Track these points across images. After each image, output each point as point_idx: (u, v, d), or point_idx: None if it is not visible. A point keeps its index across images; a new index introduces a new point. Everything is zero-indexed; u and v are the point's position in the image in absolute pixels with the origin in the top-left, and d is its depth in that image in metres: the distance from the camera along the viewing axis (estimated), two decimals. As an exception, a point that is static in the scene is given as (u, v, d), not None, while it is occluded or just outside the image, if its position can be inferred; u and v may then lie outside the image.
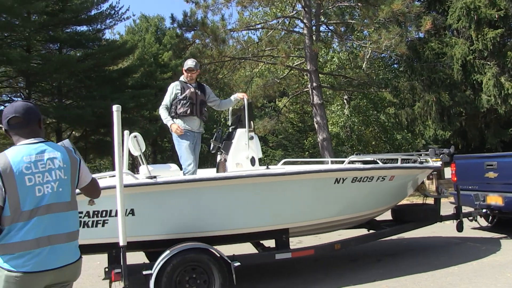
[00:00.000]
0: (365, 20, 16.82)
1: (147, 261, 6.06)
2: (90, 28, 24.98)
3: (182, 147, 5.92)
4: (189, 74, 6.12)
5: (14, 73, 22.35)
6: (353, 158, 6.44)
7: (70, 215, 2.67)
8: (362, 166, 5.99)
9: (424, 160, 7.06)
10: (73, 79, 23.29)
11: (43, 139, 2.76)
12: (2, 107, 23.94)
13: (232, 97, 6.52)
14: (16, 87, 25.31)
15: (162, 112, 6.06)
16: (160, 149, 32.59)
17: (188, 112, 5.96)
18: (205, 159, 33.03)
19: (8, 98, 26.07)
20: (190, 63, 6.15)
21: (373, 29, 16.98)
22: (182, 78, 6.28)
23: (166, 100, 6.08)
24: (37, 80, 22.91)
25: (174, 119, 6.01)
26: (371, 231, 6.97)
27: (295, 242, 6.66)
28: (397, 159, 6.47)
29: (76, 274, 2.75)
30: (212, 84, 19.22)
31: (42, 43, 23.60)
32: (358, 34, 20.80)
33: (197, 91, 6.12)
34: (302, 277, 6.13)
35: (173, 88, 6.08)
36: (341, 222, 6.20)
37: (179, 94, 6.01)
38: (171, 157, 33.44)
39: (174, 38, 29.28)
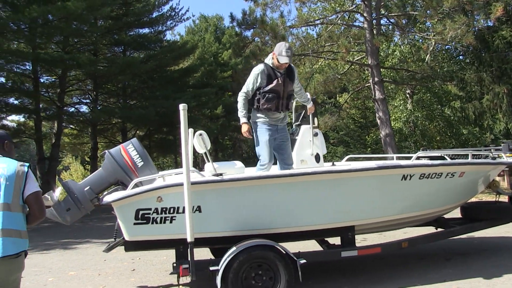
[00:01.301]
0: (428, 11, 16.27)
1: (211, 257, 6.21)
2: (152, 30, 25.84)
3: (261, 143, 5.48)
4: (281, 65, 5.39)
5: (83, 76, 23.46)
6: (420, 154, 6.24)
7: (5, 214, 3.03)
8: (430, 162, 5.79)
9: (496, 156, 6.71)
10: (136, 80, 24.17)
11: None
12: (72, 109, 25.25)
13: (308, 96, 5.96)
14: (85, 89, 26.58)
15: (240, 101, 5.46)
16: (221, 147, 33.10)
17: (273, 109, 5.42)
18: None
19: (78, 100, 27.45)
20: (285, 54, 5.28)
21: (436, 19, 16.36)
22: (269, 60, 5.51)
23: (248, 86, 5.44)
24: (103, 82, 23.97)
25: (255, 112, 5.51)
26: (439, 229, 6.74)
27: (359, 240, 6.54)
28: (467, 155, 6.20)
29: (9, 271, 3.06)
30: (272, 81, 19.29)
31: (108, 47, 24.66)
32: (420, 26, 20.10)
33: (285, 82, 5.42)
34: (368, 275, 6.02)
35: (258, 76, 5.39)
36: (408, 220, 6.04)
37: (264, 84, 5.36)
38: (232, 155, 33.91)
39: (233, 37, 29.70)
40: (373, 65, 16.72)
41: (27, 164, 3.26)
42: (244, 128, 5.40)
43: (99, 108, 24.21)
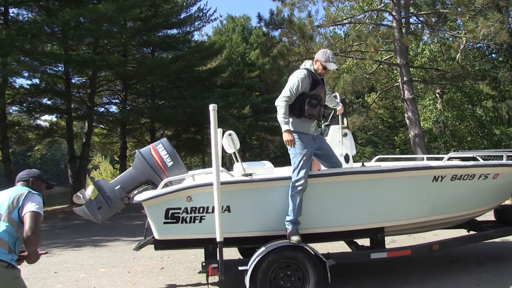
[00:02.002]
0: (459, 9, 15.95)
1: (239, 256, 6.22)
2: (180, 31, 26.12)
3: (301, 156, 4.87)
4: (325, 72, 5.14)
5: (113, 76, 23.88)
6: (452, 154, 6.11)
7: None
8: (462, 163, 5.67)
9: (533, 157, 6.51)
10: (165, 80, 24.47)
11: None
12: (102, 109, 25.71)
13: (337, 100, 5.73)
14: (114, 90, 27.05)
15: (282, 106, 4.85)
16: (248, 147, 33.20)
17: (316, 115, 5.07)
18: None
19: (108, 100, 27.96)
20: (332, 61, 5.06)
21: (468, 17, 16.03)
22: (310, 66, 5.17)
23: (292, 91, 4.91)
24: (132, 83, 24.35)
25: (295, 119, 5.00)
26: (471, 232, 6.57)
27: (388, 242, 6.45)
28: (502, 156, 6.05)
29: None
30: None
31: (137, 48, 25.03)
32: (451, 24, 19.73)
33: (325, 88, 5.21)
34: (398, 278, 5.93)
35: (304, 81, 4.95)
36: (439, 222, 5.91)
37: (308, 89, 4.97)
38: (259, 155, 33.97)
39: (260, 37, 29.75)
40: (402, 64, 16.49)
41: (36, 192, 3.58)
42: (288, 137, 4.79)
43: (128, 108, 24.58)
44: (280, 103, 4.87)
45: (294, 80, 4.96)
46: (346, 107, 5.98)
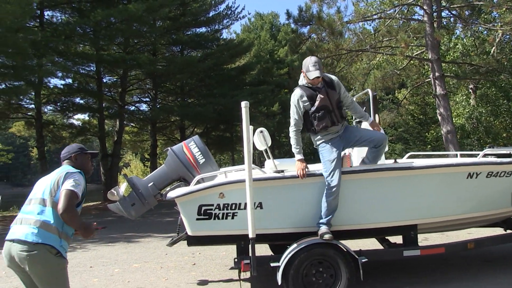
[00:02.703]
0: (494, 0, 15.52)
1: (270, 253, 6.24)
2: (209, 29, 26.29)
3: (328, 162, 4.84)
4: (313, 80, 4.84)
5: (143, 75, 24.24)
6: (487, 151, 5.97)
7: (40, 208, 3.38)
8: (498, 160, 5.53)
9: None
10: (194, 79, 24.70)
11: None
12: (133, 108, 26.12)
13: (367, 120, 5.36)
14: (145, 88, 27.47)
15: (293, 137, 5.00)
16: (277, 144, 33.22)
17: (329, 124, 4.89)
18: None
19: (138, 99, 28.40)
20: (312, 69, 4.77)
21: (505, 8, 15.58)
22: (302, 81, 5.04)
23: (295, 117, 4.96)
24: (162, 81, 24.65)
25: (313, 136, 5.10)
26: (508, 231, 6.41)
27: (420, 240, 6.35)
28: (540, 152, 5.86)
29: (30, 261, 3.18)
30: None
31: (166, 46, 25.33)
32: (485, 16, 19.23)
33: (328, 93, 4.89)
34: (431, 276, 5.83)
35: (299, 102, 4.90)
36: (474, 220, 5.78)
37: (308, 106, 4.88)
38: (288, 152, 33.91)
39: (288, 34, 29.69)
40: (434, 59, 16.17)
41: (75, 171, 3.57)
42: (300, 165, 4.80)
43: (158, 106, 24.93)
44: (290, 134, 5.06)
45: (291, 106, 4.99)
46: (377, 103, 5.90)
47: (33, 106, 21.01)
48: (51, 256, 3.24)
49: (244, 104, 4.44)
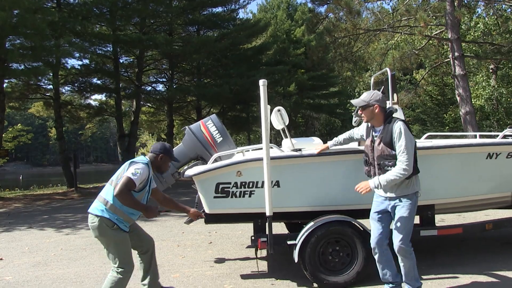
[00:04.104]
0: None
1: (286, 232, 6.27)
2: (225, 8, 26.04)
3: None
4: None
5: (159, 56, 24.23)
6: (508, 132, 5.87)
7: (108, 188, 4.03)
8: (519, 140, 5.44)
9: None
10: (211, 59, 24.59)
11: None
12: (149, 88, 26.20)
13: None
14: (161, 69, 27.50)
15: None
16: (294, 125, 33.12)
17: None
18: (338, 134, 32.88)
19: (155, 79, 28.47)
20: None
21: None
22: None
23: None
24: (178, 61, 24.62)
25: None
26: (527, 213, 6.35)
27: (437, 221, 6.31)
28: (561, 133, 5.75)
29: (94, 229, 3.92)
30: (347, 57, 18.89)
31: (182, 26, 25.19)
32: (510, -7, 18.71)
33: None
34: (447, 257, 5.82)
35: None
36: (492, 201, 5.72)
37: None
38: (304, 132, 33.85)
39: (305, 13, 29.34)
40: (453, 39, 15.86)
41: (143, 161, 4.10)
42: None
43: (174, 86, 24.95)
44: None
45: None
46: (395, 82, 5.82)
47: (51, 86, 21.26)
48: (107, 228, 3.88)
49: (262, 82, 4.42)
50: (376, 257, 4.31)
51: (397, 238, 4.14)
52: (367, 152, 4.36)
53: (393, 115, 4.99)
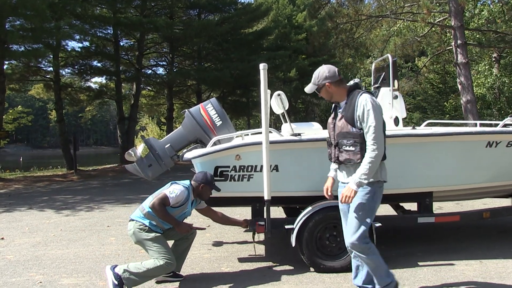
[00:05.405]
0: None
1: (284, 217, 6.29)
2: (227, -8, 25.75)
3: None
4: None
5: (160, 39, 24.10)
6: (508, 121, 5.86)
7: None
8: (520, 129, 5.42)
9: None
10: (211, 43, 24.47)
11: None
12: (150, 71, 26.10)
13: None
14: (162, 52, 27.37)
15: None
16: (294, 110, 33.08)
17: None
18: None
19: (155, 63, 28.34)
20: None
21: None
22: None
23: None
24: (179, 45, 24.51)
25: None
26: (525, 201, 6.35)
27: (434, 208, 6.35)
28: (562, 123, 5.73)
29: (131, 235, 4.42)
30: (348, 44, 18.76)
31: (183, 10, 25.01)
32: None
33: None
34: (444, 244, 5.84)
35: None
36: (491, 190, 5.73)
37: None
38: (304, 118, 33.80)
39: (307, -2, 29.02)
40: (457, 26, 15.75)
41: (184, 185, 4.49)
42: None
43: (175, 70, 24.87)
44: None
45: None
46: (396, 69, 5.79)
47: (51, 69, 21.21)
48: (140, 230, 4.34)
49: (262, 66, 4.39)
50: (352, 255, 3.85)
51: (348, 233, 3.69)
52: (329, 131, 3.88)
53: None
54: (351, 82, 3.78)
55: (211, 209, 4.86)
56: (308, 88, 3.82)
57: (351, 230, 3.66)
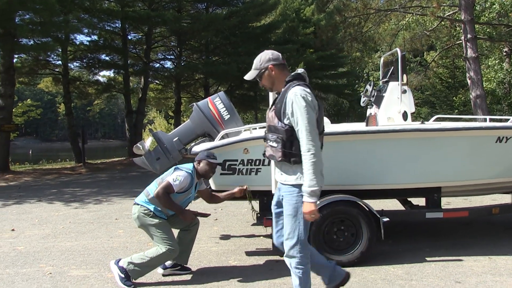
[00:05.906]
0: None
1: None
2: (234, -14, 25.68)
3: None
4: None
5: (168, 33, 24.10)
6: (518, 115, 5.82)
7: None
8: (531, 124, 5.37)
9: None
10: (219, 37, 24.38)
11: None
12: (157, 65, 26.13)
13: None
14: (169, 46, 27.36)
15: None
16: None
17: None
18: (346, 115, 32.74)
19: (163, 56, 28.34)
20: None
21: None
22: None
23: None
24: (187, 39, 24.48)
25: None
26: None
27: (443, 204, 6.32)
28: None
29: (135, 218, 4.44)
30: (357, 38, 18.65)
31: (191, 3, 24.95)
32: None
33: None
34: (452, 240, 5.81)
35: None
36: (500, 186, 5.67)
37: None
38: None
39: (316, -9, 28.83)
40: (467, 20, 15.58)
41: (187, 169, 4.40)
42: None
43: (183, 64, 24.85)
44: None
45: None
46: (405, 63, 5.76)
47: (60, 62, 21.32)
48: (144, 216, 4.36)
49: None
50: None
51: (284, 243, 3.38)
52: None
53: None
54: (297, 71, 3.43)
55: (205, 190, 4.84)
56: (249, 75, 3.41)
57: (285, 240, 3.37)
